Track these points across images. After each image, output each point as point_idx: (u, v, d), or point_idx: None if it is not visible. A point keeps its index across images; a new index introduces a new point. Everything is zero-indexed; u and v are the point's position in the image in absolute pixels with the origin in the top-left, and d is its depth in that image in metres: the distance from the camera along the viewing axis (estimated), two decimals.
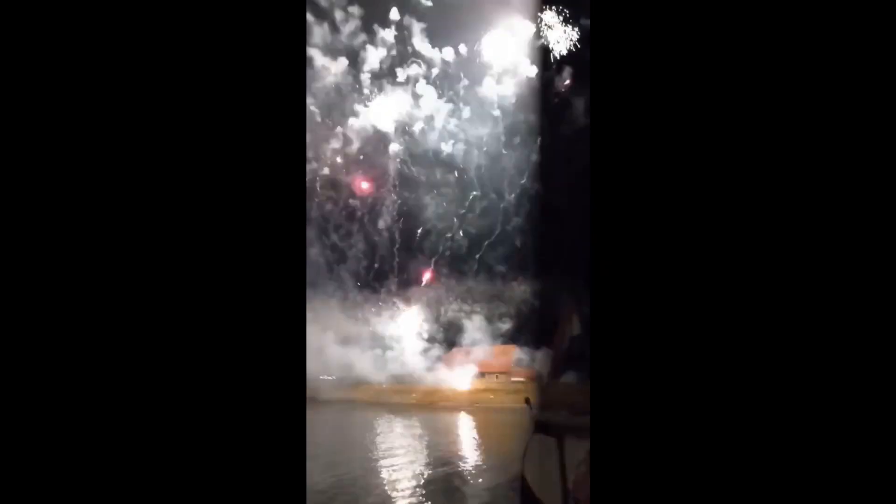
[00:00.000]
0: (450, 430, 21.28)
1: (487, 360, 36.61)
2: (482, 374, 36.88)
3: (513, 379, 36.50)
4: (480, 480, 11.82)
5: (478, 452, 15.70)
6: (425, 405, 31.10)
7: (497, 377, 36.82)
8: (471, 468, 13.28)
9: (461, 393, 34.19)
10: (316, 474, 11.77)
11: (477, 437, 19.33)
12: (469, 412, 28.39)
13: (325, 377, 32.82)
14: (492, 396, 32.44)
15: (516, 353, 35.76)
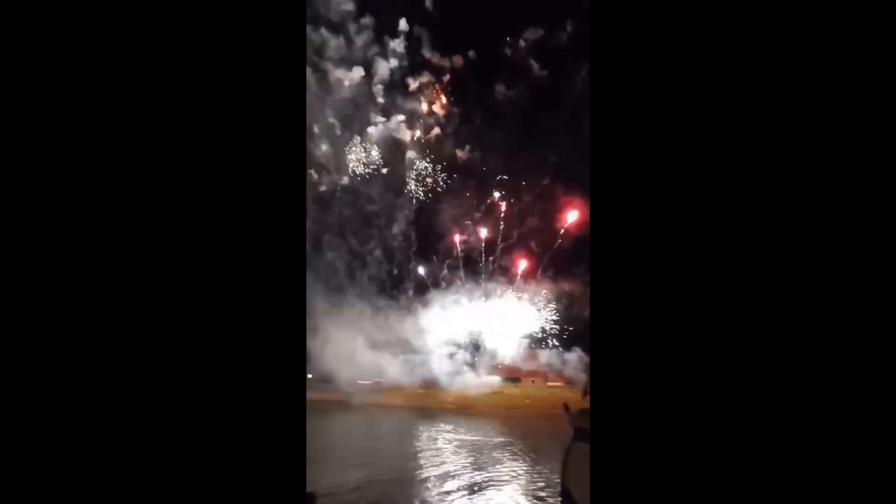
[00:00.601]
0: (485, 436, 21.27)
1: (517, 364, 36.44)
2: (517, 380, 36.64)
3: (549, 384, 36.06)
4: (517, 487, 11.79)
5: (514, 458, 15.64)
6: (460, 410, 31.19)
7: (533, 381, 36.49)
8: (507, 474, 13.25)
9: (495, 398, 34.07)
10: (349, 475, 12.06)
11: (513, 442, 19.27)
12: (504, 417, 28.27)
13: (362, 381, 33.67)
14: (528, 401, 32.18)
15: (546, 356, 35.50)
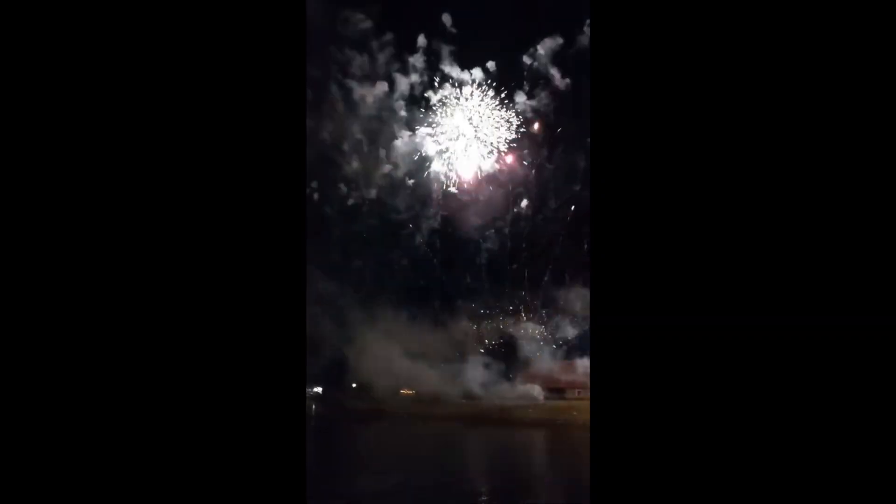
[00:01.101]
0: (528, 447, 21.04)
1: (554, 374, 35.86)
2: (561, 390, 35.99)
3: None
4: (561, 499, 11.65)
5: (558, 470, 15.43)
6: (503, 421, 30.96)
7: (578, 392, 35.74)
8: (547, 485, 13.12)
9: (539, 409, 33.58)
10: (387, 483, 12.29)
11: (558, 453, 18.98)
12: (550, 428, 27.81)
13: (405, 391, 34.35)
14: (576, 413, 31.48)
15: (582, 365, 34.77)
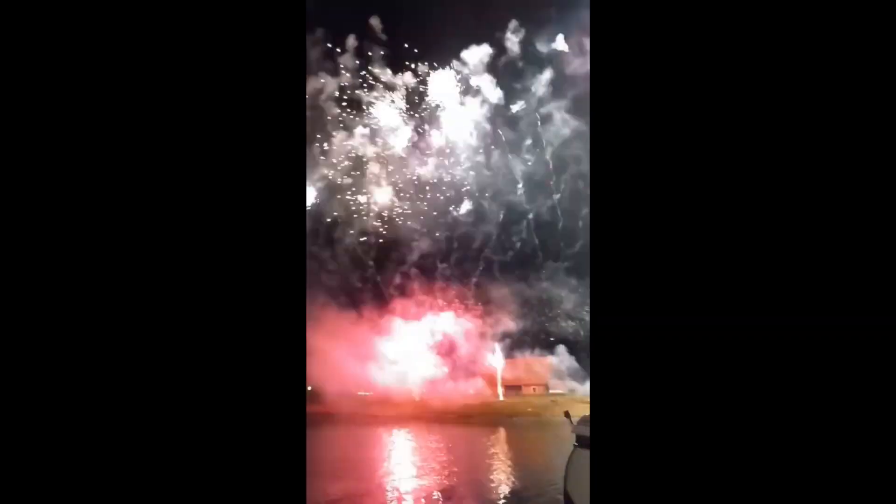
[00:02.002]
0: (483, 445, 21.32)
1: (497, 369, 36.93)
2: (517, 388, 36.86)
3: (551, 391, 36.32)
4: (518, 496, 11.86)
5: (513, 467, 15.73)
6: (458, 420, 31.25)
7: (534, 390, 36.72)
8: (507, 483, 13.33)
9: (496, 406, 34.20)
10: (332, 487, 12.12)
11: (513, 451, 19.36)
12: (505, 426, 28.34)
13: (362, 393, 34.16)
14: (530, 409, 32.28)
15: (525, 360, 36.12)
